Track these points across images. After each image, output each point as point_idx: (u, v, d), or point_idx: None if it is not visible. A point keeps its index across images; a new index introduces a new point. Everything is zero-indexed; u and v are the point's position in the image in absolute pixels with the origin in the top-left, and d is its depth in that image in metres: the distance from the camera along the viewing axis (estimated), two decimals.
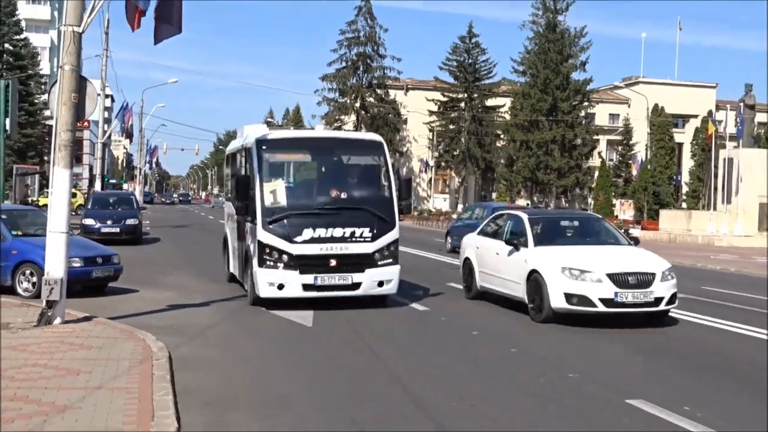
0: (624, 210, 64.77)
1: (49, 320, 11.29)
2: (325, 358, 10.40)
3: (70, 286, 12.04)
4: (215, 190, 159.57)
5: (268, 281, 13.60)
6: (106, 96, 53.63)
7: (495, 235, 15.49)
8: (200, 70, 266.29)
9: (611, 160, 78.68)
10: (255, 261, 13.78)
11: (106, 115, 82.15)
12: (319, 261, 13.68)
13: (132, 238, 28.93)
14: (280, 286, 13.59)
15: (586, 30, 67.96)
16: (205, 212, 73.25)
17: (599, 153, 75.39)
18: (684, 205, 73.40)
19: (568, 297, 12.64)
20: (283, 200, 14.04)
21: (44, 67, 74.58)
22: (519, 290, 13.77)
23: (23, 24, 66.71)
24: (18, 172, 45.46)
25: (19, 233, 15.46)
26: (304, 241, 13.64)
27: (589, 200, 70.41)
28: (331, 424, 7.49)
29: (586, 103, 69.64)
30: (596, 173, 68.47)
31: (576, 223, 15.73)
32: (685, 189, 78.29)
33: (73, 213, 15.39)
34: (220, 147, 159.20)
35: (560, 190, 68.97)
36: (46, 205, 14.40)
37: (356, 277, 13.88)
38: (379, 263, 14.11)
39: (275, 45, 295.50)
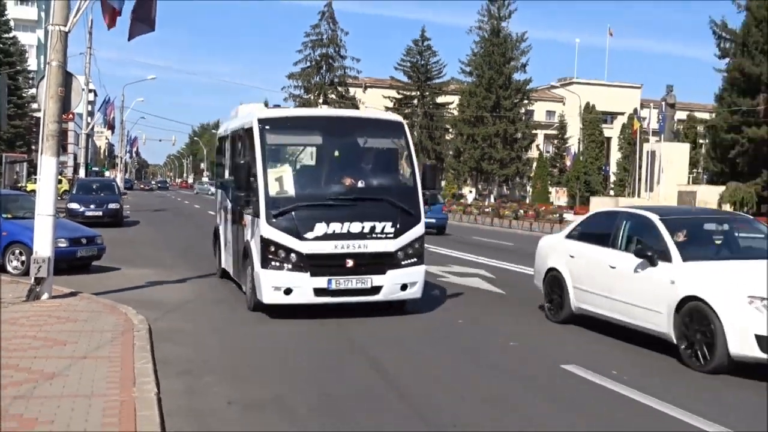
0: (559, 197, 65.68)
1: (37, 296, 11.13)
2: (299, 330, 10.39)
3: (56, 265, 11.85)
4: (190, 178, 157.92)
5: (272, 285, 10.62)
6: (90, 91, 52.77)
7: (601, 240, 10.53)
8: (176, 68, 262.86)
9: (548, 152, 79.43)
10: (257, 261, 10.89)
11: (90, 108, 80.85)
12: (334, 261, 10.71)
13: (114, 221, 28.49)
14: (287, 291, 10.61)
15: (527, 35, 68.45)
16: (181, 198, 72.42)
17: (537, 146, 75.89)
18: (612, 192, 74.23)
19: (763, 341, 7.91)
20: (290, 189, 11.02)
21: (32, 64, 73.09)
22: (659, 322, 9.02)
23: (12, 23, 65.19)
24: (7, 160, 44.67)
25: (9, 216, 15.19)
26: (316, 238, 10.64)
27: (528, 188, 71.08)
28: (301, 390, 7.48)
29: (525, 101, 70.09)
30: (534, 164, 69.24)
31: (725, 226, 10.32)
32: (612, 178, 79.25)
33: (59, 198, 15.12)
34: (195, 138, 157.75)
35: (502, 178, 69.45)
36: (34, 191, 14.16)
37: (376, 279, 10.87)
38: (403, 263, 11.08)
39: (247, 45, 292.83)
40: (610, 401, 7.30)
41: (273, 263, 10.65)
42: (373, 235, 10.87)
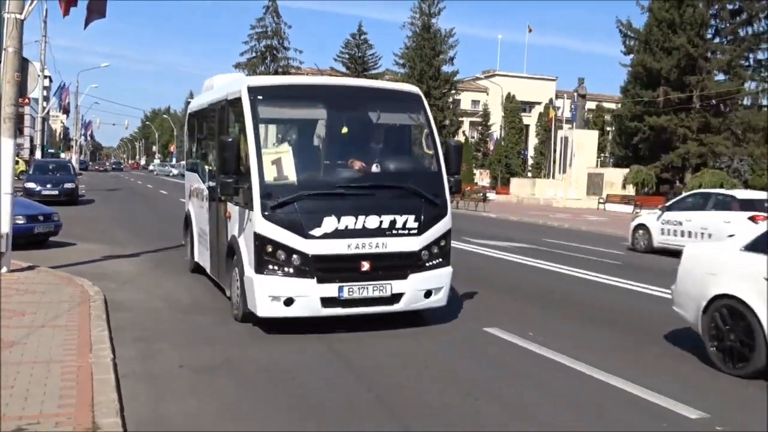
0: (482, 178, 66.38)
1: None
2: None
3: (15, 240, 11.50)
4: (142, 160, 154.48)
5: (270, 294, 7.89)
6: (45, 77, 51.01)
7: None
8: (129, 57, 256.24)
9: (473, 137, 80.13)
10: (249, 263, 8.16)
11: (45, 93, 78.15)
12: (347, 264, 8.01)
13: (69, 200, 27.78)
14: (288, 301, 7.90)
15: (454, 31, 68.63)
16: (134, 178, 70.85)
17: (463, 132, 76.52)
18: (530, 174, 75.39)
19: None
20: (291, 174, 8.10)
21: None
22: None
23: None
24: None
25: None
26: (325, 235, 7.91)
27: None
28: (252, 356, 7.43)
29: (453, 91, 70.41)
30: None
31: None
32: (530, 161, 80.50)
33: (17, 178, 14.68)
34: (147, 123, 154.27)
35: None
36: None
37: (397, 285, 8.20)
38: (428, 265, 8.44)
39: (196, 36, 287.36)
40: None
41: (270, 267, 7.91)
42: (394, 232, 8.19)
